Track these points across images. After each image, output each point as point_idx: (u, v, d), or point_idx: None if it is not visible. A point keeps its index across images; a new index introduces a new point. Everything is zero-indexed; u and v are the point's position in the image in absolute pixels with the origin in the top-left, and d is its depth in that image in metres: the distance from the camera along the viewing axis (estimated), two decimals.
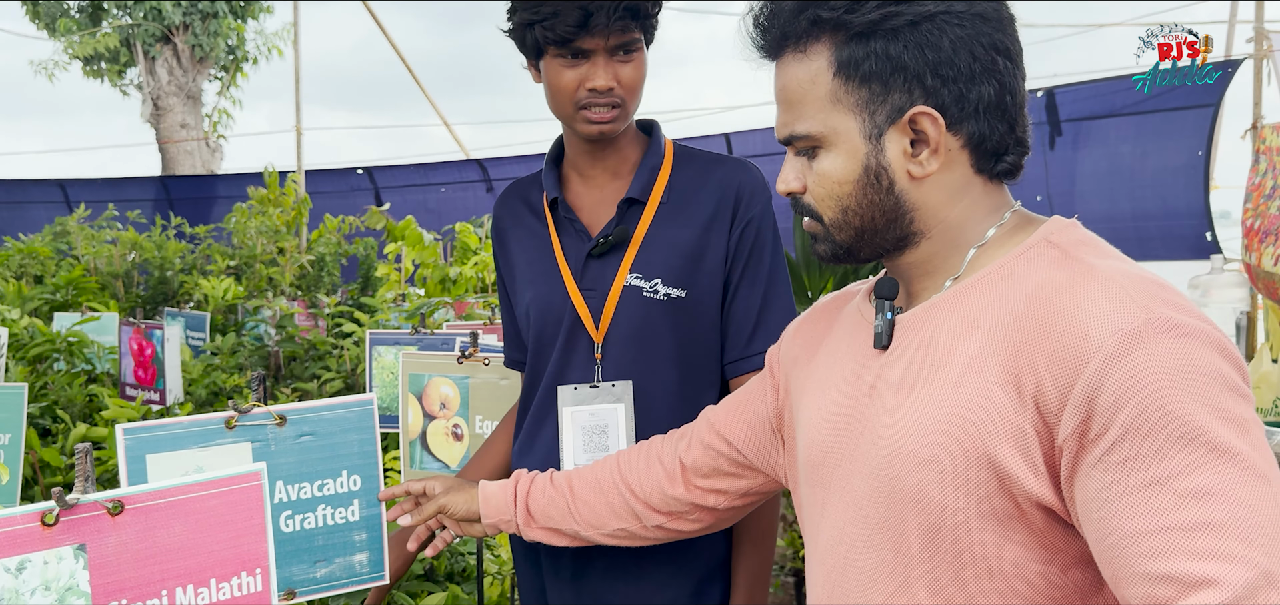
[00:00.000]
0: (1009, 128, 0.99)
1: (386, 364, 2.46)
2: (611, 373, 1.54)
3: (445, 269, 5.11)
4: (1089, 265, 0.92)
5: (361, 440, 1.29)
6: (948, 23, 0.95)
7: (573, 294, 1.55)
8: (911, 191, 1.00)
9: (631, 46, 1.49)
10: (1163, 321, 0.85)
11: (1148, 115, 6.15)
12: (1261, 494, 0.81)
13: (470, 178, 8.69)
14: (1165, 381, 0.84)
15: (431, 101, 9.11)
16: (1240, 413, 0.84)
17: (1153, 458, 0.83)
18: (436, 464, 1.80)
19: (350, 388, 3.63)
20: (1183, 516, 0.82)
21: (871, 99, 0.98)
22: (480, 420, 1.78)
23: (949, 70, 0.96)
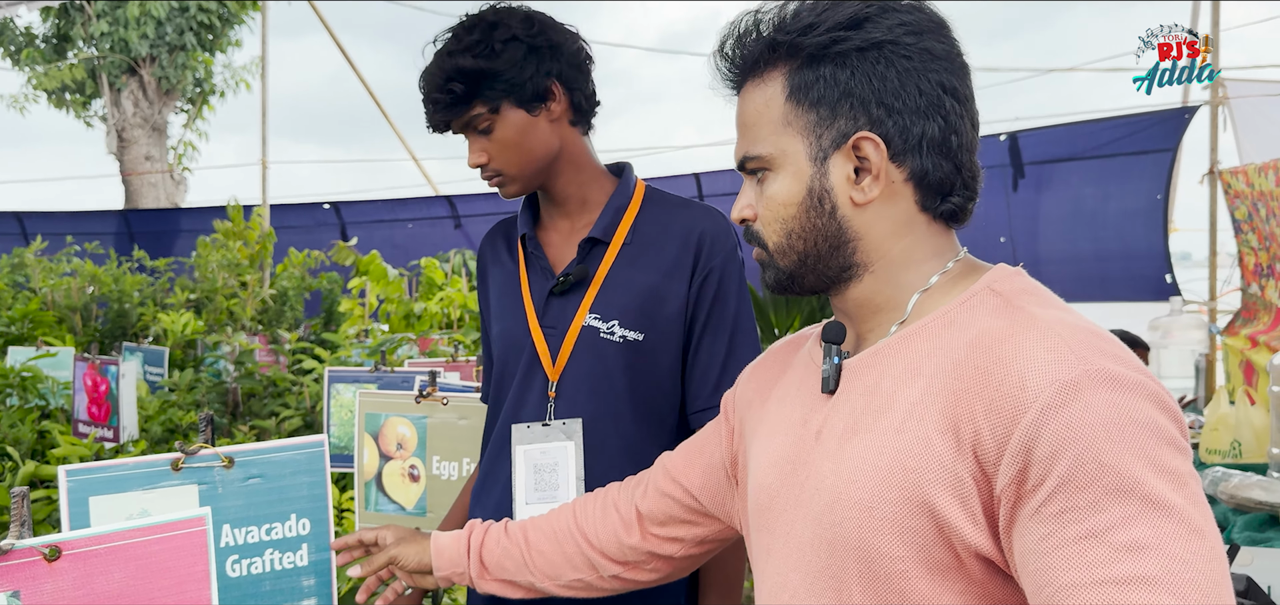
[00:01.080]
0: (954, 168, 1.00)
1: (344, 401, 2.43)
2: (564, 411, 1.54)
3: (410, 305, 5.07)
4: (1030, 314, 0.92)
5: (311, 483, 1.26)
6: (896, 54, 0.97)
7: (533, 330, 1.56)
8: (854, 218, 1.00)
9: (478, 122, 1.51)
10: (1100, 373, 0.85)
11: (1109, 159, 6.26)
12: (1196, 549, 0.81)
13: (438, 214, 8.65)
14: (1101, 433, 0.83)
15: (399, 135, 9.09)
16: (1176, 466, 0.84)
17: (1088, 510, 0.83)
18: (392, 505, 1.77)
19: (309, 425, 3.59)
20: (1117, 570, 0.81)
21: (819, 122, 0.99)
22: (438, 461, 1.75)
23: (895, 101, 0.97)
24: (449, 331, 4.50)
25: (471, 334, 4.28)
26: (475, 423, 1.74)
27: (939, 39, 0.99)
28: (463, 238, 8.47)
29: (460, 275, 5.92)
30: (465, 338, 4.10)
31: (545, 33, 1.52)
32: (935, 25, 0.99)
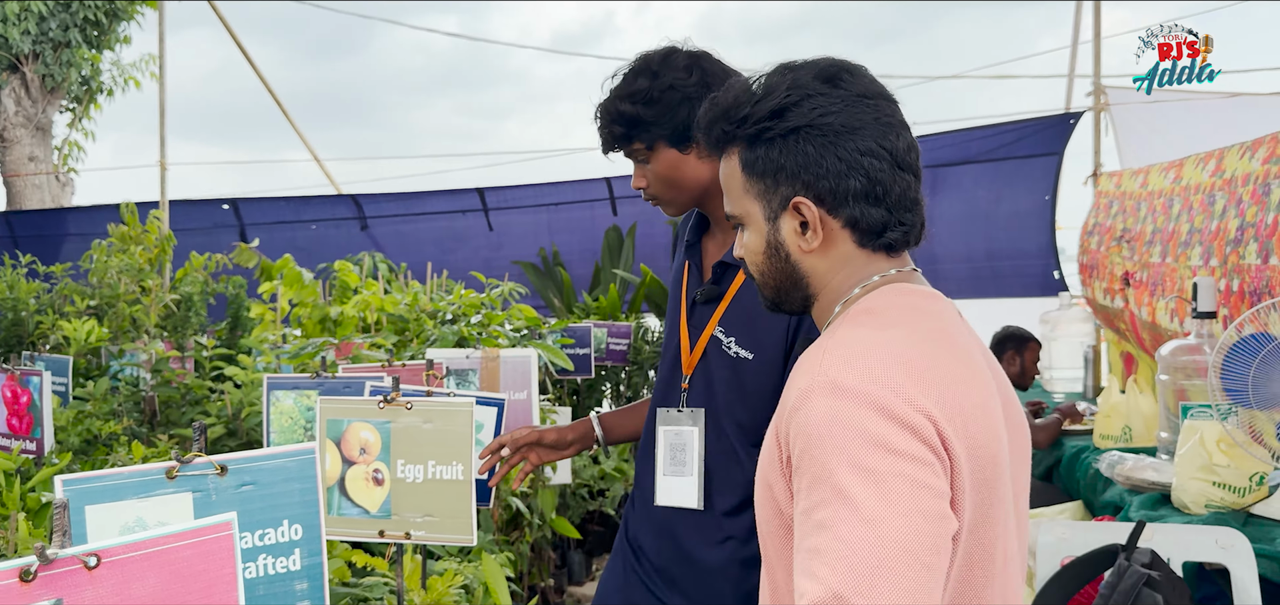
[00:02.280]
0: (885, 210, 1.20)
1: (285, 409, 2.43)
2: (693, 401, 1.85)
3: (325, 309, 5.01)
4: (834, 335, 1.16)
5: (303, 489, 1.30)
6: (810, 134, 1.19)
7: (681, 329, 1.89)
8: (803, 262, 1.24)
9: (638, 155, 1.81)
10: (827, 383, 1.07)
11: (1000, 163, 6.56)
12: (861, 535, 0.98)
13: (344, 214, 8.50)
14: (814, 431, 1.05)
15: (300, 134, 8.90)
16: (874, 463, 1.01)
17: (805, 491, 1.05)
18: (356, 509, 1.80)
19: (232, 433, 3.54)
20: (808, 541, 1.02)
21: (766, 190, 1.23)
22: (402, 464, 1.79)
23: (818, 170, 1.19)
24: (368, 335, 4.48)
25: (390, 338, 4.26)
26: (441, 426, 1.80)
27: (853, 111, 1.19)
28: (369, 240, 8.36)
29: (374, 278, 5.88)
30: (386, 342, 4.09)
31: (703, 78, 1.77)
32: (852, 100, 1.20)
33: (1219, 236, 3.38)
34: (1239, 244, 3.21)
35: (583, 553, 4.97)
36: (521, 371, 3.24)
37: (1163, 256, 3.93)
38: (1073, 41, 6.99)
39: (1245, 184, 3.24)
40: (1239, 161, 3.37)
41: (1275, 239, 2.96)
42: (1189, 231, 3.68)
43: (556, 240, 7.60)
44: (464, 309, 4.55)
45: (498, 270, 6.60)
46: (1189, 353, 3.11)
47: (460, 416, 1.86)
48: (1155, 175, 4.34)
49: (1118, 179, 5.14)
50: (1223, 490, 2.58)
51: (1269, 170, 3.07)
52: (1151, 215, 4.25)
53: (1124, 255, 4.51)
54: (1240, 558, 2.15)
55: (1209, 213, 3.52)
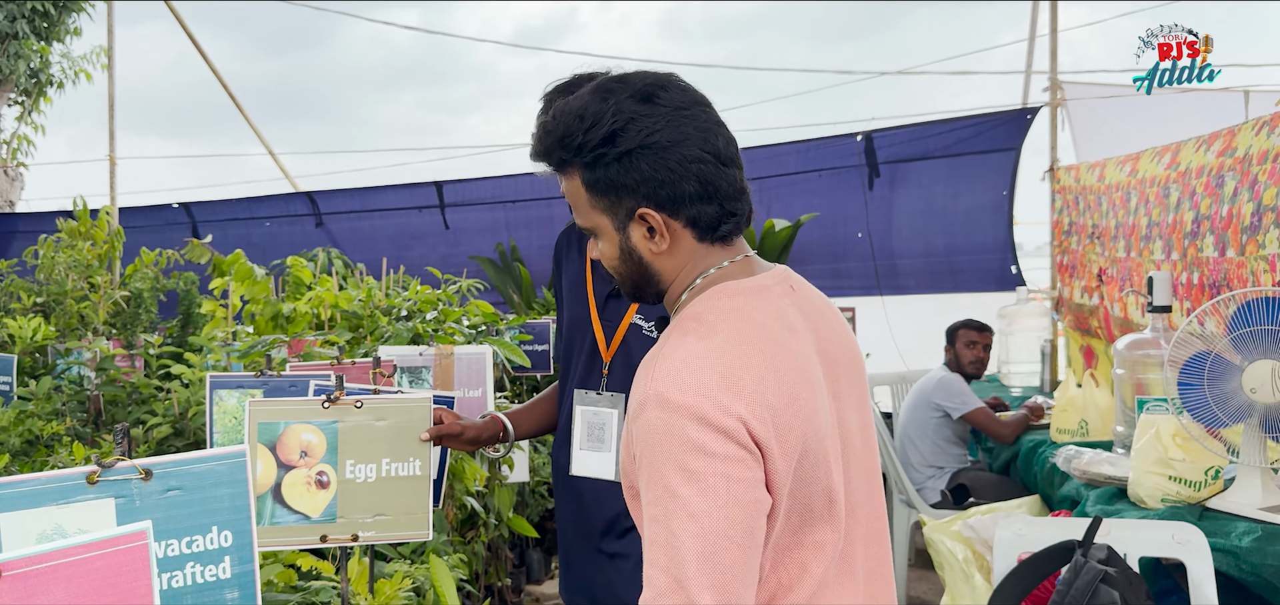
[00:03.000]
0: (718, 207, 1.34)
1: (228, 408, 2.36)
2: (613, 386, 2.04)
3: (278, 305, 4.91)
4: (665, 345, 1.29)
5: (233, 495, 1.24)
6: (644, 153, 1.30)
7: (594, 322, 2.07)
8: (654, 261, 1.38)
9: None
10: (656, 396, 1.22)
11: (958, 158, 6.57)
12: (687, 527, 1.17)
13: (298, 211, 8.36)
14: (648, 439, 1.21)
15: (256, 130, 8.75)
16: (696, 466, 1.18)
17: (644, 488, 1.22)
18: (294, 516, 1.74)
19: (179, 433, 3.45)
20: (648, 532, 1.20)
21: (612, 205, 1.34)
22: (351, 464, 1.74)
23: (654, 182, 1.31)
24: (322, 332, 4.39)
25: (345, 335, 4.18)
26: (397, 423, 1.75)
27: (675, 125, 1.31)
28: (324, 236, 8.23)
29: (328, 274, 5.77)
30: (339, 339, 4.01)
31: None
32: (676, 114, 1.31)
33: (1176, 229, 3.40)
34: (1196, 237, 3.23)
35: (541, 551, 4.91)
36: (476, 368, 3.19)
37: (1128, 251, 3.95)
38: (1029, 37, 7.04)
39: (1199, 176, 3.26)
40: (1194, 154, 3.39)
41: (1230, 231, 2.98)
42: (1148, 225, 3.70)
43: (515, 237, 7.52)
44: (420, 305, 4.48)
45: (455, 267, 6.52)
46: (1145, 347, 3.12)
47: (418, 412, 1.81)
48: (1112, 169, 4.36)
49: (1076, 173, 5.17)
50: (1178, 484, 2.59)
51: (1222, 163, 3.09)
52: (1113, 209, 4.27)
53: (1098, 252, 4.54)
54: (1197, 553, 2.15)
55: (1164, 205, 3.54)
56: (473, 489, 3.50)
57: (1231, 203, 2.99)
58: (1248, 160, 2.93)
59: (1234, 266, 2.97)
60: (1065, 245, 5.41)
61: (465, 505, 3.50)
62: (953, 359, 4.60)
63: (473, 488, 3.48)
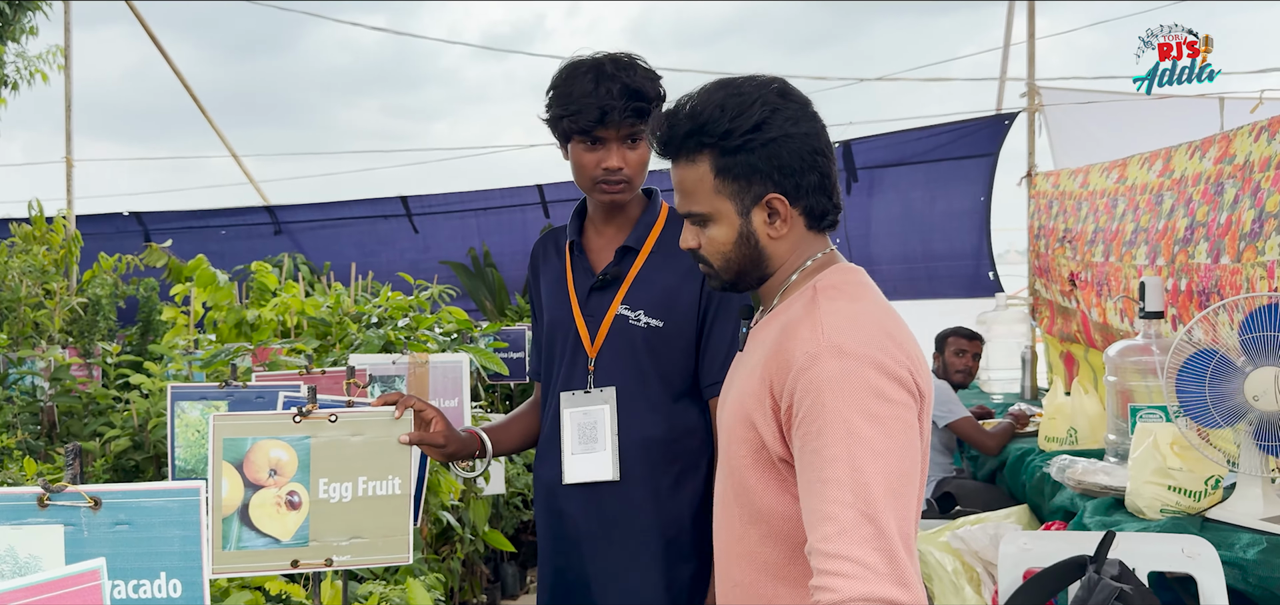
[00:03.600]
0: (827, 198, 1.48)
1: (191, 422, 2.23)
2: (601, 381, 1.98)
3: (241, 312, 4.75)
4: (817, 307, 1.40)
5: (184, 538, 1.10)
6: (785, 142, 1.42)
7: (577, 317, 2.01)
8: (768, 246, 1.49)
9: (638, 136, 1.93)
10: (833, 347, 1.32)
11: (935, 164, 6.53)
12: (874, 465, 1.26)
13: (255, 220, 8.15)
14: (828, 386, 1.30)
15: (218, 132, 8.53)
16: (877, 411, 1.29)
17: (815, 434, 1.30)
18: (263, 539, 1.61)
19: (138, 446, 3.30)
20: (823, 472, 1.28)
21: (740, 190, 1.45)
22: (325, 483, 1.61)
23: (788, 169, 1.43)
24: (288, 340, 4.24)
25: (312, 343, 4.04)
26: (375, 437, 1.63)
27: (808, 120, 1.44)
28: (286, 242, 8.04)
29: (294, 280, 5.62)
30: (306, 347, 3.87)
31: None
32: (804, 110, 1.45)
33: (1167, 235, 3.34)
34: (1188, 243, 3.17)
35: (516, 565, 4.79)
36: (453, 377, 3.07)
37: (1106, 256, 3.90)
38: (1005, 44, 7.02)
39: (1196, 183, 3.20)
40: (1188, 161, 3.33)
41: (1227, 238, 2.92)
42: (1134, 231, 3.65)
43: (487, 241, 7.38)
44: (391, 312, 4.34)
45: (425, 272, 6.37)
46: (1137, 353, 3.06)
47: (398, 426, 1.69)
48: (1096, 175, 4.32)
49: (1055, 179, 5.13)
50: (1178, 494, 2.52)
51: (1221, 170, 3.03)
52: (1094, 215, 4.22)
53: (1068, 256, 4.48)
54: (1207, 566, 2.07)
55: (1156, 212, 3.48)
56: (448, 503, 3.38)
57: (1231, 209, 2.93)
58: (1249, 167, 2.87)
59: (1228, 273, 2.91)
60: (1036, 248, 5.37)
61: (440, 519, 3.37)
62: (940, 367, 4.53)
63: (448, 501, 3.36)
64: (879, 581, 1.22)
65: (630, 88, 1.88)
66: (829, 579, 1.24)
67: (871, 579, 1.22)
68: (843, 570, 1.23)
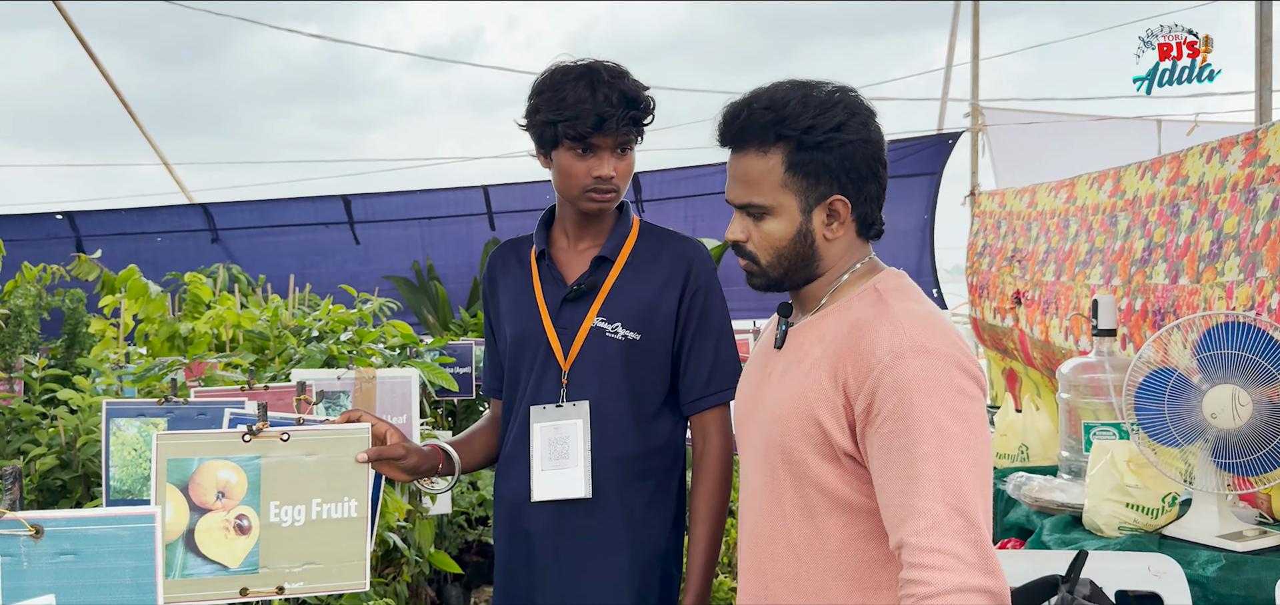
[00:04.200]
0: (879, 208, 1.52)
1: (128, 440, 2.11)
2: (574, 395, 1.92)
3: (174, 325, 4.58)
4: (889, 307, 1.42)
5: (137, 569, 1.01)
6: (856, 145, 1.45)
7: (548, 329, 1.95)
8: (823, 247, 1.51)
9: (628, 144, 1.91)
10: (917, 347, 1.35)
11: None
12: (963, 460, 1.30)
13: (192, 226, 7.91)
14: (913, 385, 1.32)
15: (148, 137, 8.28)
16: (963, 408, 1.33)
17: (902, 432, 1.32)
18: (209, 566, 1.51)
19: (65, 464, 3.13)
20: (913, 469, 1.30)
21: (808, 186, 1.46)
22: (277, 506, 1.51)
23: (855, 174, 1.46)
24: (224, 354, 4.10)
25: (249, 357, 3.90)
26: (330, 457, 1.54)
27: (873, 129, 1.47)
28: (221, 252, 7.81)
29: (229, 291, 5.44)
30: (243, 361, 3.73)
31: None
32: (872, 119, 1.48)
33: (1124, 256, 3.37)
34: (1146, 263, 3.20)
35: (461, 586, 4.67)
36: (401, 393, 2.97)
37: (1057, 275, 3.93)
38: (947, 64, 7.11)
39: (1150, 204, 3.23)
40: (1140, 181, 3.37)
41: (1186, 260, 2.94)
42: (1089, 251, 3.67)
43: (430, 254, 7.24)
44: (332, 325, 4.22)
45: (366, 285, 6.22)
46: (1089, 370, 3.07)
47: (355, 444, 1.60)
48: (1044, 195, 4.36)
49: (1001, 198, 5.18)
50: (1135, 512, 2.52)
51: (1176, 191, 3.06)
52: (1044, 235, 4.25)
53: (1015, 274, 4.52)
54: (1173, 584, 2.07)
55: (1111, 233, 3.51)
56: (393, 523, 3.27)
57: (1189, 231, 2.95)
58: (1203, 188, 2.90)
59: (1185, 294, 2.94)
60: (977, 267, 5.42)
61: (386, 541, 3.26)
62: None
63: (393, 522, 3.25)
64: (972, 571, 1.26)
65: (628, 95, 1.86)
66: (924, 572, 1.27)
67: (965, 570, 1.26)
68: (937, 564, 1.27)
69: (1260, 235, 2.60)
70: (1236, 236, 2.70)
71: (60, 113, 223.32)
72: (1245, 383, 2.28)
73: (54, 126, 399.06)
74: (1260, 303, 2.56)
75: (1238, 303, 2.66)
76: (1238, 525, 2.41)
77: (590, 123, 1.83)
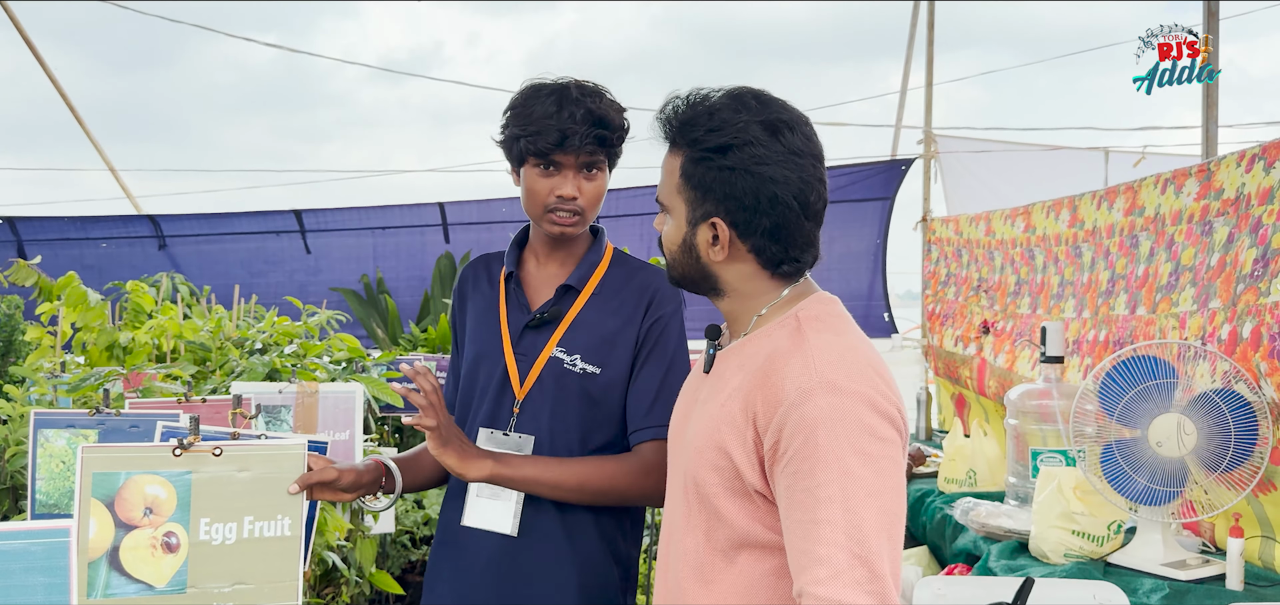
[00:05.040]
0: (783, 249, 1.42)
1: (55, 452, 2.03)
2: (524, 425, 1.87)
3: (114, 334, 4.47)
4: (805, 339, 1.36)
5: (49, 586, 0.95)
6: (740, 174, 1.37)
7: (507, 354, 1.89)
8: (712, 267, 1.46)
9: (595, 167, 1.86)
10: (826, 383, 1.29)
11: (833, 205, 6.55)
12: (868, 506, 1.24)
13: (138, 233, 7.75)
14: (822, 423, 1.27)
15: (94, 142, 8.11)
16: (872, 450, 1.27)
17: (806, 473, 1.26)
18: (134, 585, 1.44)
19: None
20: (816, 513, 1.25)
21: (694, 199, 1.43)
22: (207, 524, 1.46)
23: (738, 204, 1.39)
24: (164, 365, 3.99)
25: (190, 369, 3.81)
26: (264, 473, 1.48)
27: (788, 167, 1.38)
28: (167, 260, 7.66)
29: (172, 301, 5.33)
30: (183, 373, 3.63)
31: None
32: (789, 157, 1.38)
33: (1091, 288, 3.40)
34: (1110, 295, 3.23)
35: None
36: (344, 408, 2.90)
37: (1033, 308, 3.95)
38: (902, 91, 7.19)
39: (1110, 235, 3.26)
40: (1097, 211, 3.40)
41: (1144, 290, 2.98)
42: (1060, 284, 3.70)
43: (382, 266, 7.15)
44: (276, 337, 4.14)
45: (315, 297, 6.13)
46: (1037, 397, 3.10)
47: (289, 460, 1.55)
48: (1000, 223, 4.39)
49: (955, 225, 5.21)
50: (1081, 539, 2.53)
51: (1133, 222, 3.09)
52: (1011, 265, 4.27)
53: (983, 305, 4.54)
54: None
55: (1078, 264, 3.54)
56: (333, 542, 3.19)
57: (1148, 262, 2.99)
58: (1160, 220, 2.94)
59: (1142, 325, 2.96)
60: (941, 296, 5.45)
61: (325, 560, 3.19)
62: None
63: (333, 541, 3.18)
64: None
65: (594, 115, 1.81)
66: None
67: None
68: None
69: (1215, 267, 2.63)
70: (1192, 267, 2.73)
71: (6, 117, 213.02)
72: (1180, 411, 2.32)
73: (3, 132, 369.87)
74: (1211, 333, 2.59)
75: (1190, 333, 2.69)
76: (1181, 554, 2.42)
77: (552, 139, 1.79)
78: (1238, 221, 2.55)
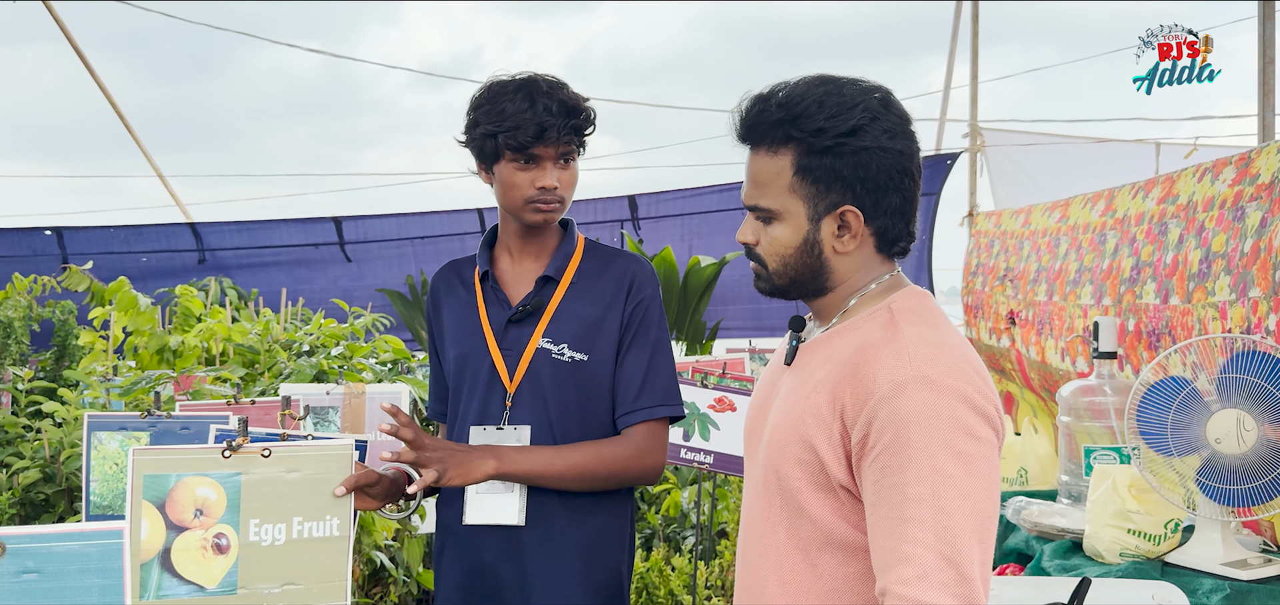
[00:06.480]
0: (904, 225, 1.40)
1: (109, 454, 2.06)
2: (518, 418, 1.89)
3: (164, 338, 4.54)
4: (897, 331, 1.32)
5: (103, 587, 0.96)
6: (874, 152, 1.33)
7: (493, 351, 1.92)
8: (832, 260, 1.40)
9: (571, 155, 1.90)
10: (921, 377, 1.24)
11: None
12: (960, 506, 1.18)
13: (180, 245, 7.86)
14: (913, 418, 1.23)
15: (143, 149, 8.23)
16: (966, 449, 1.22)
17: (896, 469, 1.22)
18: (186, 587, 1.45)
19: (49, 478, 3.08)
20: (904, 511, 1.20)
21: (817, 194, 1.36)
22: (257, 525, 1.46)
23: (871, 184, 1.34)
24: (213, 368, 4.05)
25: (239, 371, 3.85)
26: (313, 474, 1.49)
27: (905, 138, 1.35)
28: (210, 269, 7.77)
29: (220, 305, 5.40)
30: (232, 376, 3.68)
31: None
32: (902, 126, 1.36)
33: (1112, 275, 3.33)
34: (1134, 283, 3.16)
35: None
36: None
37: (1049, 295, 3.89)
38: (945, 86, 7.09)
39: (1139, 223, 3.20)
40: (1131, 202, 3.34)
41: (1175, 279, 2.91)
42: (1078, 270, 3.64)
43: (425, 268, 7.20)
44: (323, 340, 4.17)
45: (359, 300, 6.18)
46: (1089, 393, 3.03)
47: (337, 461, 1.55)
48: (1038, 215, 4.32)
49: (997, 218, 5.14)
50: (1137, 538, 2.47)
51: (1165, 210, 3.03)
52: (1036, 254, 4.21)
53: (1007, 294, 4.47)
54: None
55: (1100, 251, 3.47)
56: (381, 542, 3.22)
57: (1177, 250, 2.92)
58: (1192, 207, 2.87)
59: (1178, 314, 2.90)
60: (970, 286, 5.39)
61: (373, 560, 3.21)
62: None
63: (381, 541, 3.20)
64: None
65: (568, 105, 1.86)
66: None
67: None
68: None
69: (1249, 254, 2.56)
70: (1225, 255, 2.67)
71: (58, 126, 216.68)
72: (1253, 410, 2.25)
73: (52, 139, 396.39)
74: (1258, 324, 2.52)
75: (1232, 323, 2.62)
76: (1242, 553, 2.36)
77: (531, 133, 1.82)
78: (1271, 205, 2.48)
